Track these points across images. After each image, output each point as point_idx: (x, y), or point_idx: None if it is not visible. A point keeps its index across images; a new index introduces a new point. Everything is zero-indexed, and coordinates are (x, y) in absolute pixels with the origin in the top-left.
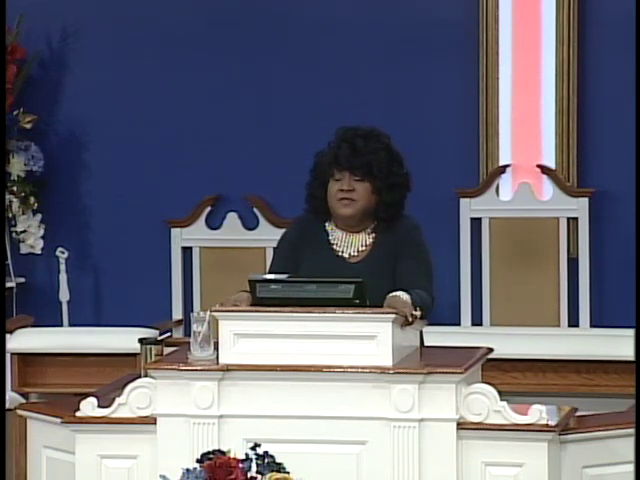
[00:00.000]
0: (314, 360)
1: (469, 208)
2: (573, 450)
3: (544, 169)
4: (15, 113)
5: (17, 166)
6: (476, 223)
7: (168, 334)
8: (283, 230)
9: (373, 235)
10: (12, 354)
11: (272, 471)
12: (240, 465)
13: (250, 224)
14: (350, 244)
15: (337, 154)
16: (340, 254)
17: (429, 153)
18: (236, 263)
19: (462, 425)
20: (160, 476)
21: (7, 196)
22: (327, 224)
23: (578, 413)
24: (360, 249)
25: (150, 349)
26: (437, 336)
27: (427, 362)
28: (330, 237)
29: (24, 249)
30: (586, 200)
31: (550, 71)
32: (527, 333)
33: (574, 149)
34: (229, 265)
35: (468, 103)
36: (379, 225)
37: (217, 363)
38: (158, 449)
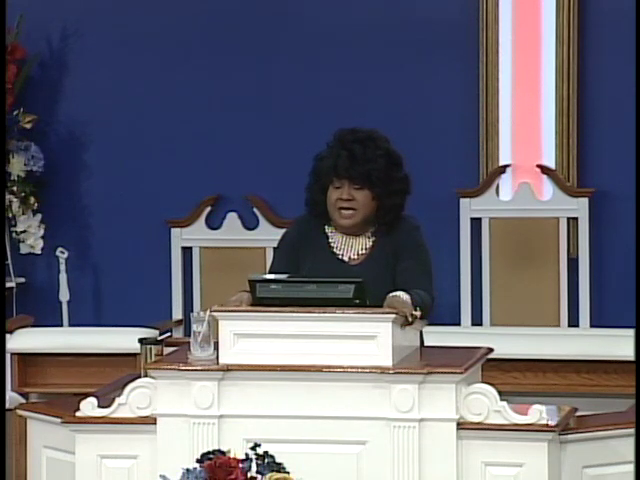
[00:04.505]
0: (314, 360)
1: (469, 208)
2: (573, 450)
3: (544, 169)
4: (15, 113)
5: (17, 166)
6: (476, 223)
7: (168, 334)
8: (283, 230)
9: (373, 239)
10: (12, 354)
11: (272, 471)
12: (240, 465)
13: (250, 224)
14: (350, 247)
15: (336, 164)
16: (340, 257)
17: (429, 153)
18: (236, 263)
19: (462, 425)
20: (160, 476)
21: (7, 196)
22: (327, 227)
23: (578, 413)
24: (360, 252)
25: (150, 349)
26: (437, 336)
27: (427, 362)
28: (330, 240)
29: (24, 249)
30: (586, 200)
31: (550, 71)
32: (527, 333)
33: (574, 149)
34: (229, 265)
35: (468, 103)
36: (379, 228)
37: (217, 363)
38: (158, 449)
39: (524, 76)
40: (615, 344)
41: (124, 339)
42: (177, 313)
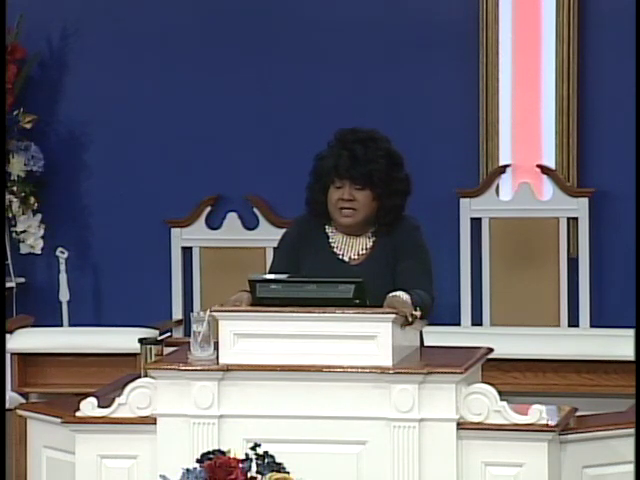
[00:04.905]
0: (314, 360)
1: (469, 208)
2: (573, 450)
3: (544, 169)
4: (15, 113)
5: (17, 166)
6: (476, 223)
7: (168, 334)
8: (283, 230)
9: (374, 239)
10: (12, 354)
11: (272, 471)
12: (240, 465)
13: (250, 224)
14: (351, 247)
15: (337, 164)
16: (340, 257)
17: (429, 153)
18: (236, 263)
19: (462, 425)
20: (160, 476)
21: (7, 196)
22: (327, 227)
23: (578, 413)
24: (360, 252)
25: (150, 349)
26: (437, 336)
27: (427, 362)
28: (330, 240)
29: (24, 249)
30: (586, 200)
31: (550, 71)
32: (527, 333)
33: (574, 149)
34: (229, 265)
35: (468, 103)
36: (380, 229)
37: (217, 363)
38: (158, 449)
39: (524, 76)
40: (615, 344)
41: (124, 339)
42: (177, 313)
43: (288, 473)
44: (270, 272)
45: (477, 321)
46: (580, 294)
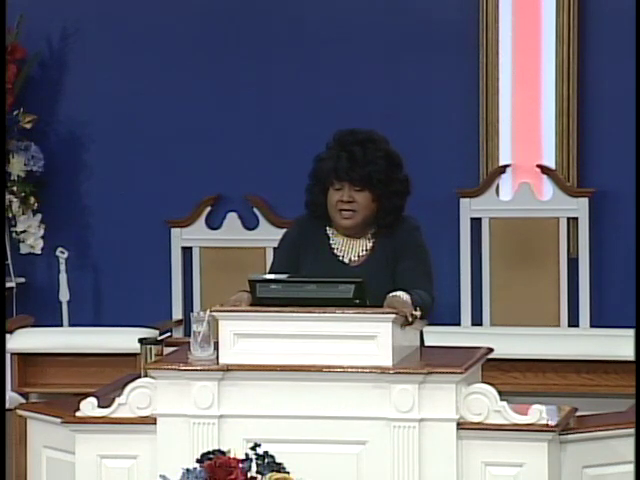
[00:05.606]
0: (314, 360)
1: (469, 208)
2: (573, 450)
3: (544, 169)
4: (15, 113)
5: (17, 166)
6: (476, 223)
7: (168, 334)
8: (283, 230)
9: (374, 240)
10: (12, 354)
11: (272, 471)
12: (240, 465)
13: (250, 224)
14: (351, 249)
15: (336, 166)
16: (341, 258)
17: (429, 153)
18: (236, 263)
19: (462, 425)
20: (160, 476)
21: (7, 196)
22: (327, 228)
23: (578, 413)
24: (361, 254)
25: (150, 349)
26: (437, 336)
27: (427, 362)
28: (331, 241)
29: (24, 249)
30: (586, 200)
31: (550, 71)
32: (527, 333)
33: (574, 149)
34: (229, 265)
35: (468, 103)
36: (379, 230)
37: (217, 363)
38: (158, 449)
39: (524, 76)
40: (615, 344)
41: (124, 339)
42: (177, 313)
43: (288, 473)
44: (270, 272)
45: (477, 321)
46: (580, 294)
